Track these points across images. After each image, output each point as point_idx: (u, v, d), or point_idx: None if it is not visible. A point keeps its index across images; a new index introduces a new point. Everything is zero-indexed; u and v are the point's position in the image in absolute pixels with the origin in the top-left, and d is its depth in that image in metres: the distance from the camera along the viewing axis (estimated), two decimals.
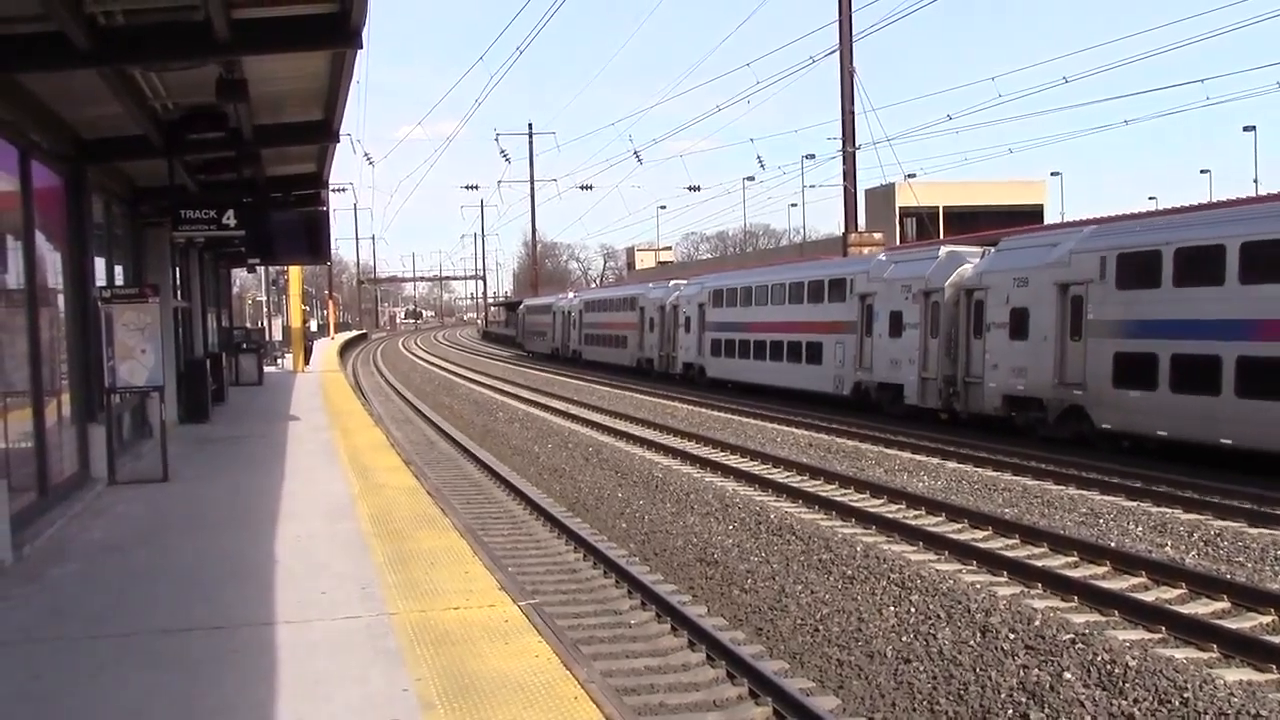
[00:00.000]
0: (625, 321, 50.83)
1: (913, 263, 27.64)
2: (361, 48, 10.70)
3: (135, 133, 13.88)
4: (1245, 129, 70.71)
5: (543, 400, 36.28)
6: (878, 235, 42.53)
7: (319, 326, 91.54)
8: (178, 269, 23.00)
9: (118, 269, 17.66)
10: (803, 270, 35.08)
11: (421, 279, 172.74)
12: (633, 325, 49.48)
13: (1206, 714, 7.93)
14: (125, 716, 5.93)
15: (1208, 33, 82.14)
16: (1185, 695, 8.21)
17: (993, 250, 24.71)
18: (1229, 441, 17.60)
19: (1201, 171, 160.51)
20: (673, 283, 47.85)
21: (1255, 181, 67.14)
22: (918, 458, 20.76)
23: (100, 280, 15.29)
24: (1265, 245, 17.28)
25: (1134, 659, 8.90)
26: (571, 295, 68.23)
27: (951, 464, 19.86)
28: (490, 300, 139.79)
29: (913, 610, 10.80)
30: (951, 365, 25.01)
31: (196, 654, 6.90)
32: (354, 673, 6.44)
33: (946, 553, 13.38)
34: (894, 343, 27.23)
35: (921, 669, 9.46)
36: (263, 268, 51.39)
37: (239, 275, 59.78)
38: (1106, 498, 16.31)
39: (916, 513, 15.95)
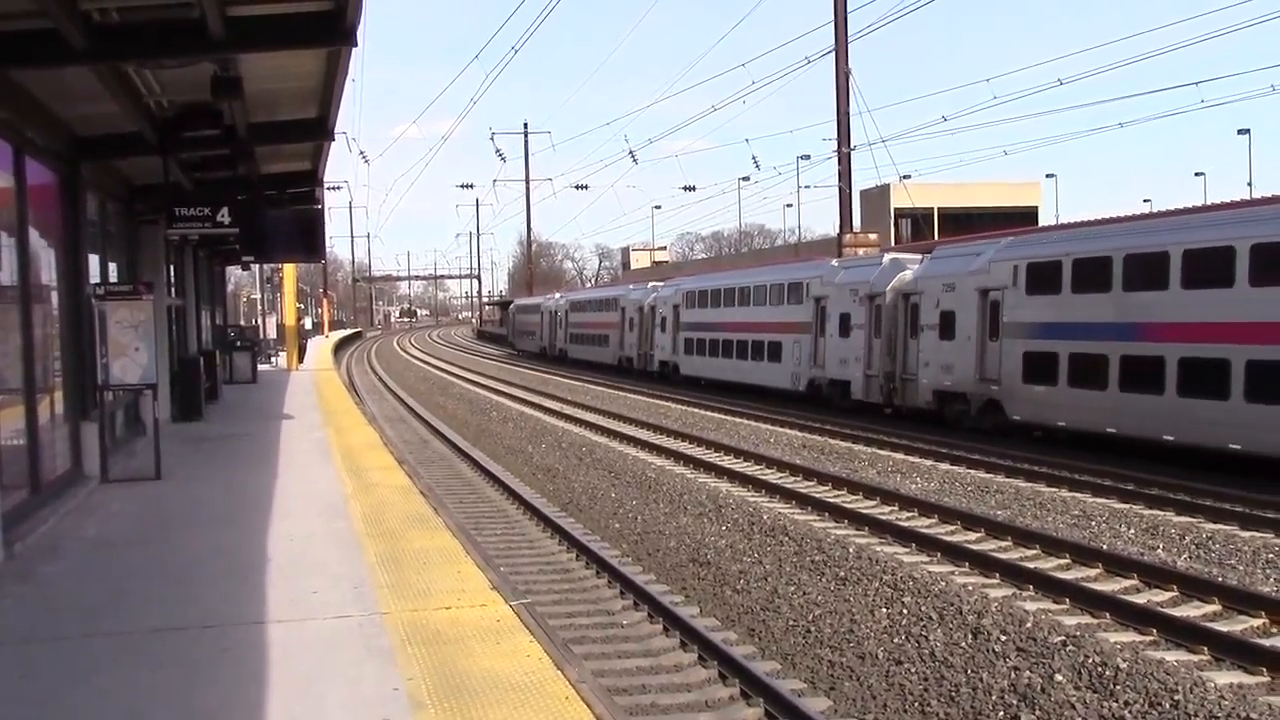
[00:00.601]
0: (607, 321, 52.76)
1: (860, 269, 30.06)
2: (356, 45, 10.70)
3: (130, 130, 13.87)
4: (1240, 132, 70.89)
5: (536, 400, 36.27)
6: (873, 236, 42.59)
7: (313, 325, 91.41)
8: (172, 266, 22.97)
9: (112, 266, 17.64)
10: (766, 274, 37.12)
11: (416, 278, 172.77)
12: (614, 325, 51.37)
13: (1197, 716, 7.95)
14: (121, 716, 5.94)
15: (1203, 35, 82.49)
16: (1176, 698, 8.23)
17: (925, 258, 27.14)
18: (1113, 430, 19.98)
19: (1196, 174, 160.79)
20: (651, 284, 50.22)
21: (1249, 184, 67.24)
22: (910, 459, 20.79)
23: (94, 278, 15.28)
24: (1144, 257, 19.69)
25: (1125, 661, 8.93)
26: (559, 296, 70.11)
27: (944, 466, 19.89)
28: (485, 300, 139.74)
29: (905, 612, 10.82)
30: (891, 363, 27.22)
31: (190, 653, 6.90)
32: (346, 672, 6.45)
33: (939, 554, 13.40)
34: (843, 342, 29.48)
35: (913, 670, 9.47)
36: (257, 266, 51.45)
37: (234, 273, 59.67)
38: (1099, 500, 16.35)
39: (909, 514, 15.97)
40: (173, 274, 23.16)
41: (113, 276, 17.32)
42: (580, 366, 55.64)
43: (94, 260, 15.76)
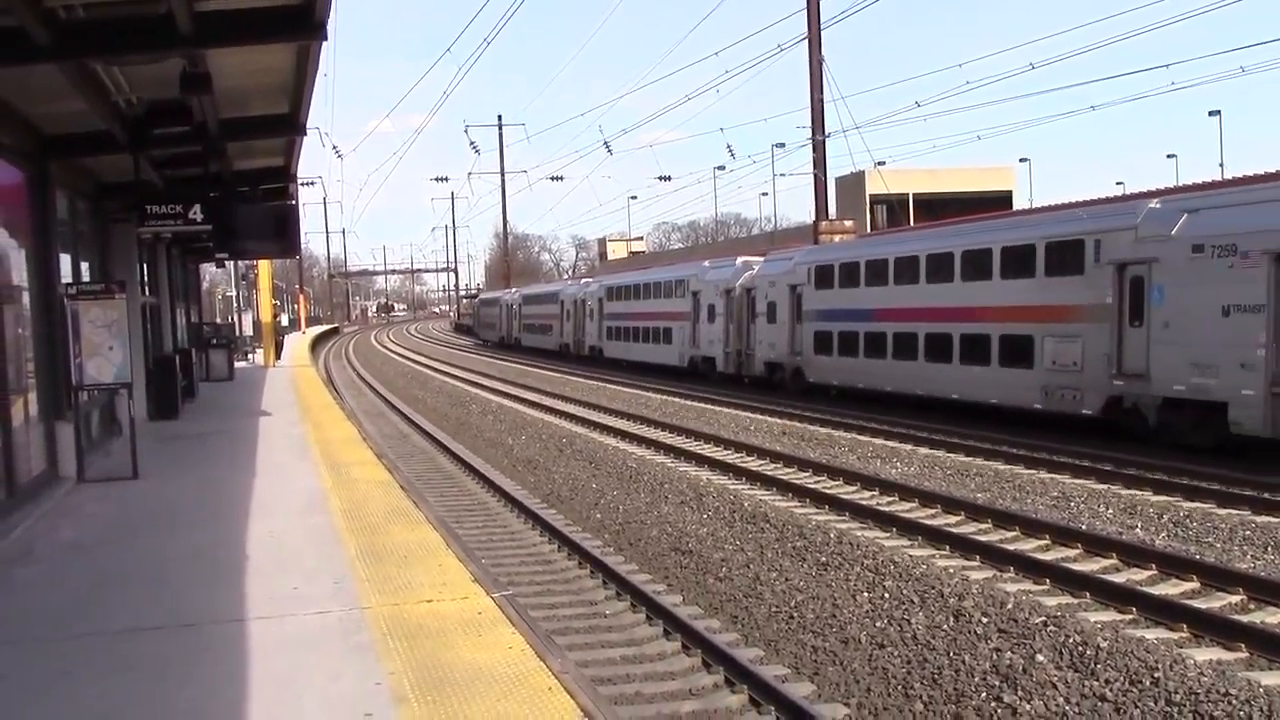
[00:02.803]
0: (551, 313, 61.16)
1: (723, 269, 37.91)
2: (326, 40, 10.63)
3: (99, 128, 13.72)
4: (1210, 113, 71.35)
5: (516, 392, 36.22)
6: (849, 223, 42.64)
7: (290, 321, 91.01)
8: (145, 265, 22.79)
9: (83, 265, 17.47)
10: (662, 273, 45.63)
11: (393, 272, 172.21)
12: (555, 316, 59.72)
13: (1177, 693, 8.00)
14: (95, 718, 5.88)
15: (1173, 17, 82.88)
16: (1156, 675, 8.28)
17: (759, 260, 35.68)
18: (862, 385, 27.97)
19: (1168, 156, 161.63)
20: (583, 281, 60.14)
21: (1220, 165, 67.73)
22: (890, 444, 20.86)
23: (66, 277, 15.13)
24: (876, 263, 27.86)
25: (1105, 640, 8.98)
26: (514, 291, 78.33)
27: (924, 450, 19.97)
28: (463, 293, 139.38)
29: (886, 596, 10.85)
30: (740, 342, 35.53)
31: (167, 653, 6.84)
32: (327, 668, 6.41)
33: (919, 538, 13.45)
34: (711, 327, 37.75)
35: (896, 654, 9.50)
36: (232, 262, 51.05)
37: (208, 270, 59.30)
38: (1077, 481, 16.44)
39: (889, 499, 16.03)
40: (146, 272, 22.97)
41: (85, 275, 17.16)
42: (530, 353, 63.72)
43: (65, 259, 15.60)
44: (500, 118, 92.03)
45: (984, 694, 8.51)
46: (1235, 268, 17.10)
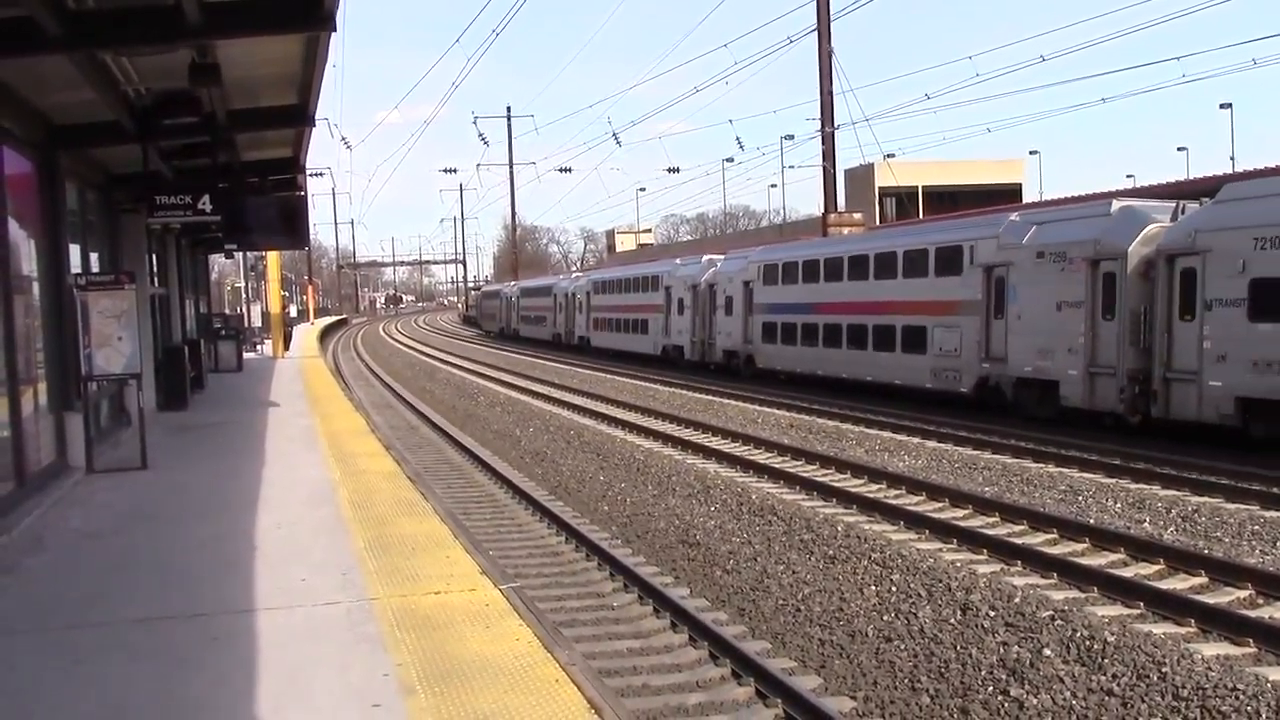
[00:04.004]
0: (545, 306, 64.84)
1: (691, 266, 41.56)
2: (335, 30, 10.62)
3: (108, 118, 13.73)
4: (1222, 106, 71.03)
5: (524, 384, 36.24)
6: (857, 215, 42.62)
7: (298, 312, 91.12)
8: (154, 255, 22.84)
9: (93, 256, 17.51)
10: (639, 269, 49.93)
11: (401, 263, 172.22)
12: (549, 309, 63.65)
13: (1184, 688, 7.99)
14: (105, 708, 5.90)
15: (1184, 10, 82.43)
16: (1163, 670, 8.28)
17: (721, 258, 39.47)
18: (800, 370, 31.46)
19: (1179, 149, 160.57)
20: (574, 275, 65.40)
21: (1231, 159, 67.39)
22: (898, 437, 20.84)
23: (75, 267, 15.17)
24: (810, 263, 31.38)
25: (1113, 634, 8.97)
26: (512, 284, 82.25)
27: (931, 443, 19.94)
28: (471, 285, 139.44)
29: (894, 589, 10.85)
30: (704, 332, 39.18)
31: (176, 643, 6.87)
32: (335, 659, 6.43)
33: (927, 531, 13.44)
34: (680, 319, 41.53)
35: (903, 647, 9.50)
36: (241, 253, 51.16)
37: (217, 261, 59.45)
38: (1085, 475, 16.41)
39: (897, 492, 16.01)
40: (155, 263, 23.01)
41: (94, 266, 17.19)
42: (528, 343, 67.06)
43: (75, 250, 15.64)
44: (509, 109, 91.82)
45: (991, 688, 8.51)
46: (1065, 271, 20.86)
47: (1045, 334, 21.33)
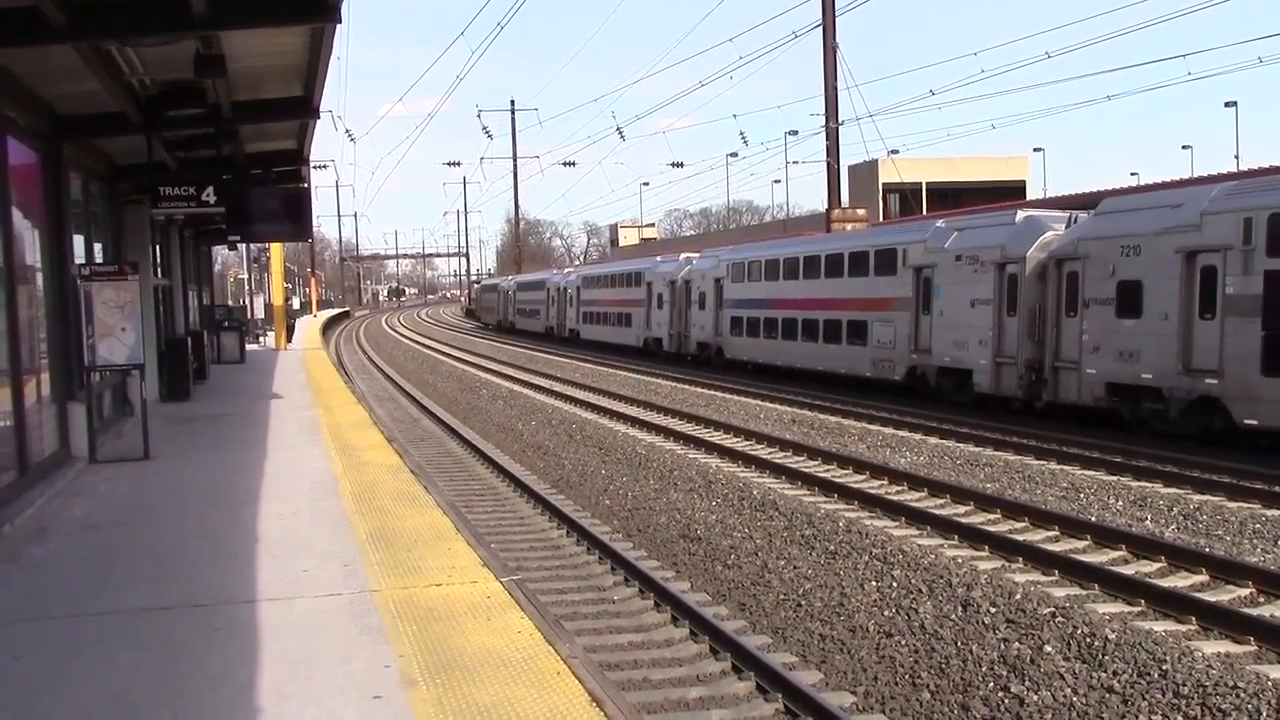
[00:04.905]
0: (539, 299, 68.11)
1: (669, 264, 44.36)
2: (340, 22, 10.58)
3: (113, 109, 13.74)
4: (1227, 104, 70.88)
5: (526, 378, 36.24)
6: (861, 211, 42.55)
7: (301, 304, 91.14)
8: (158, 246, 22.86)
9: (97, 247, 17.54)
10: (623, 265, 53.92)
11: (404, 256, 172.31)
12: (543, 302, 66.89)
13: (1185, 685, 8.00)
14: (109, 696, 5.91)
15: (1189, 8, 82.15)
16: (1164, 667, 8.28)
17: (697, 256, 42.55)
18: (762, 360, 34.24)
19: (1183, 147, 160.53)
20: (566, 270, 69.29)
21: (1236, 157, 67.32)
22: (900, 434, 20.84)
23: (79, 258, 15.18)
24: (771, 262, 34.14)
25: (1114, 632, 8.97)
26: (511, 279, 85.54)
27: (934, 440, 19.94)
28: (474, 278, 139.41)
29: (894, 585, 10.86)
30: (680, 325, 41.99)
31: (179, 633, 6.89)
32: (337, 650, 6.44)
33: (928, 528, 13.44)
34: (660, 313, 44.11)
35: (903, 643, 9.51)
36: (244, 245, 51.09)
37: (220, 253, 59.46)
38: (1087, 472, 16.41)
39: (899, 488, 16.01)
40: (159, 254, 23.04)
41: (98, 257, 17.22)
42: (522, 335, 70.24)
43: (79, 240, 15.65)
44: (513, 103, 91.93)
45: (991, 684, 8.52)
46: (977, 272, 23.47)
47: (961, 328, 23.96)
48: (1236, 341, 17.36)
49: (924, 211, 48.23)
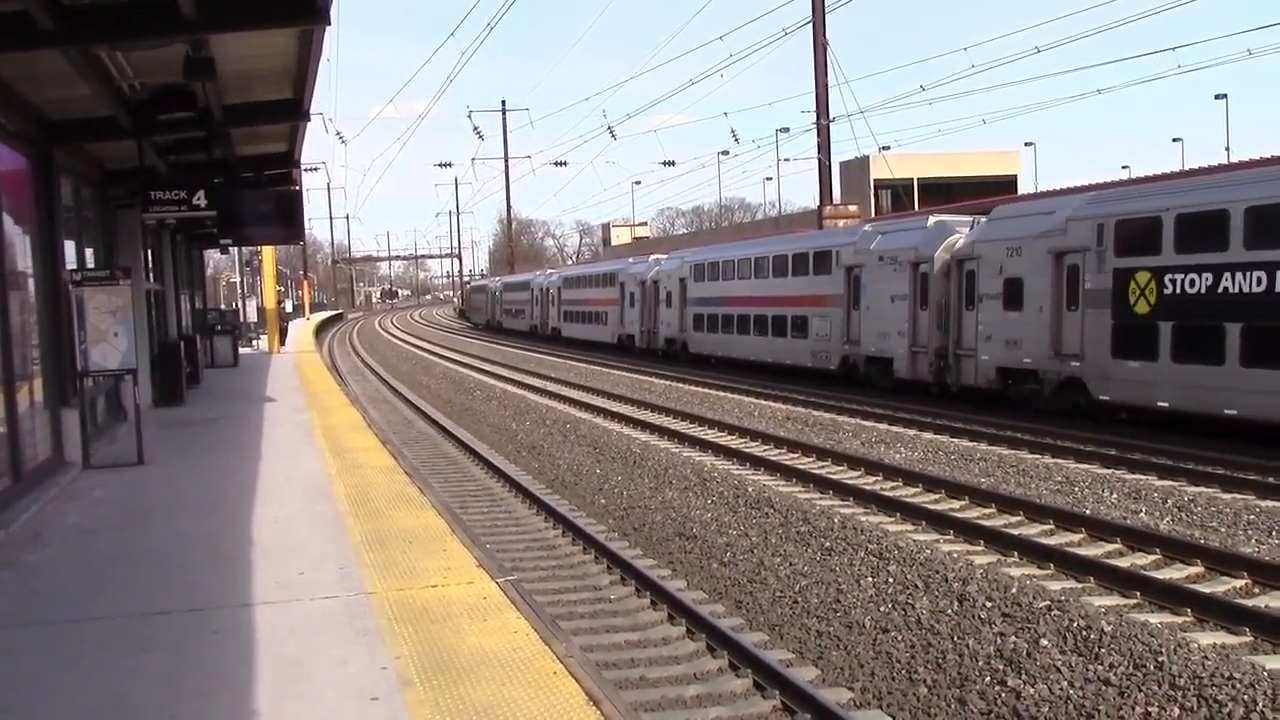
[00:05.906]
0: (525, 299, 70.79)
1: (640, 265, 46.63)
2: (330, 24, 10.57)
3: (103, 114, 13.72)
4: (1217, 97, 71.01)
5: (519, 378, 36.23)
6: (853, 208, 42.65)
7: (294, 307, 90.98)
8: (149, 251, 22.79)
9: (88, 251, 17.50)
10: (599, 267, 57.38)
11: (397, 258, 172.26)
12: (528, 302, 69.47)
13: (1181, 677, 8.02)
14: (107, 700, 5.91)
15: (1178, 1, 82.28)
16: (1160, 659, 8.30)
17: (664, 258, 45.10)
18: (721, 354, 36.46)
19: (1174, 139, 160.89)
20: (548, 272, 71.71)
21: (1227, 149, 67.40)
22: (894, 429, 20.87)
23: (71, 263, 15.14)
24: (727, 263, 36.68)
25: (1109, 624, 8.99)
26: (498, 279, 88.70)
27: (928, 435, 19.98)
28: (466, 279, 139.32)
29: (890, 580, 10.88)
30: (650, 322, 44.67)
31: (176, 636, 6.88)
32: (333, 652, 6.44)
33: (923, 523, 13.46)
34: (632, 311, 46.67)
35: (900, 638, 9.53)
36: (236, 249, 51.04)
37: (212, 256, 59.27)
38: (1081, 466, 16.44)
39: (894, 484, 16.04)
40: (150, 258, 22.97)
41: (90, 262, 17.18)
42: (509, 334, 72.44)
43: (70, 246, 15.61)
44: (504, 103, 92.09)
45: (988, 678, 8.53)
46: (896, 271, 26.29)
47: (884, 321, 26.86)
48: (1093, 329, 19.93)
49: (916, 207, 48.31)
